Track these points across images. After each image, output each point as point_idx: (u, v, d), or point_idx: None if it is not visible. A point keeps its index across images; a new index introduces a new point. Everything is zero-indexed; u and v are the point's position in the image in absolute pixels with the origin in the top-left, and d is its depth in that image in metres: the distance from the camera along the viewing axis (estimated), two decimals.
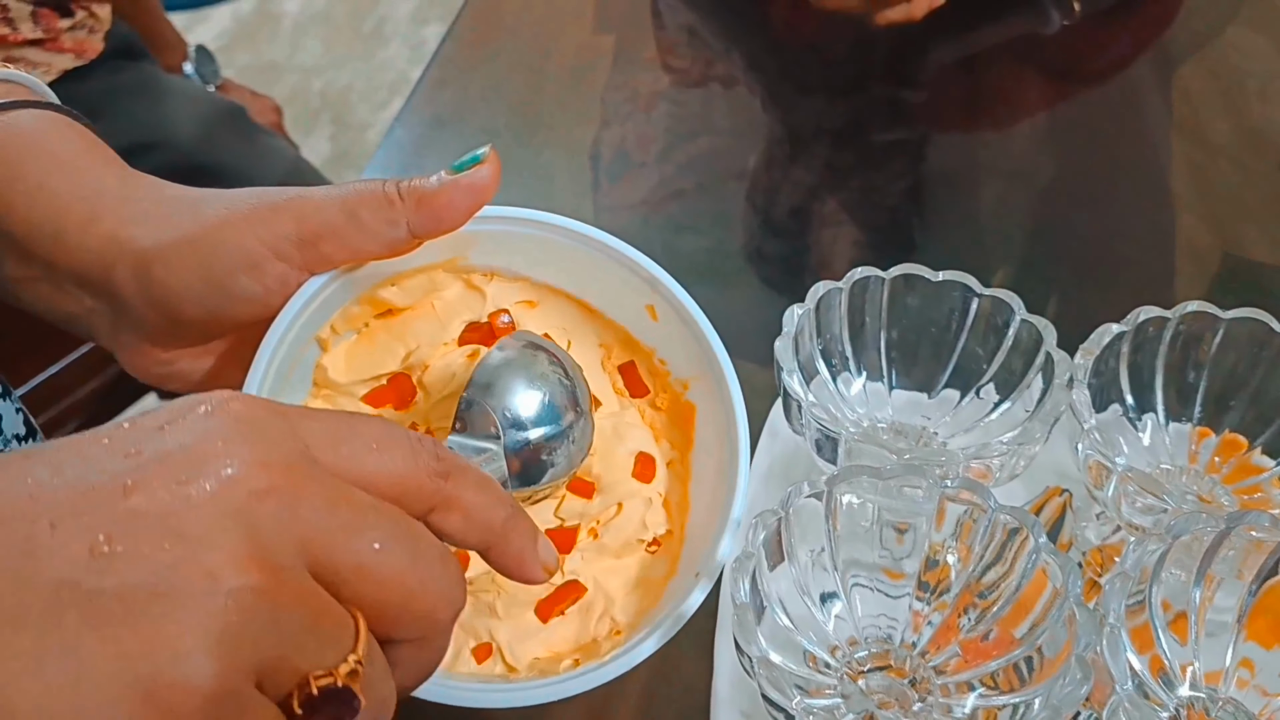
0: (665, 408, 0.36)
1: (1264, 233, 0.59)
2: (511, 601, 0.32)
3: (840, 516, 0.33)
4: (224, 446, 0.20)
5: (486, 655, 0.32)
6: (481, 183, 0.31)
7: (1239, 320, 0.35)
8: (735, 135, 0.67)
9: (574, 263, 0.35)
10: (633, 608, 0.33)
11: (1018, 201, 0.63)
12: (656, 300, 0.35)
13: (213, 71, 0.94)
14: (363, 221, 0.30)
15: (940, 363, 0.38)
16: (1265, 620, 0.31)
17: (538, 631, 0.32)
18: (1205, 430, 0.37)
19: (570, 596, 0.32)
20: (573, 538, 0.33)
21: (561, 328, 0.36)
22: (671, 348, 0.35)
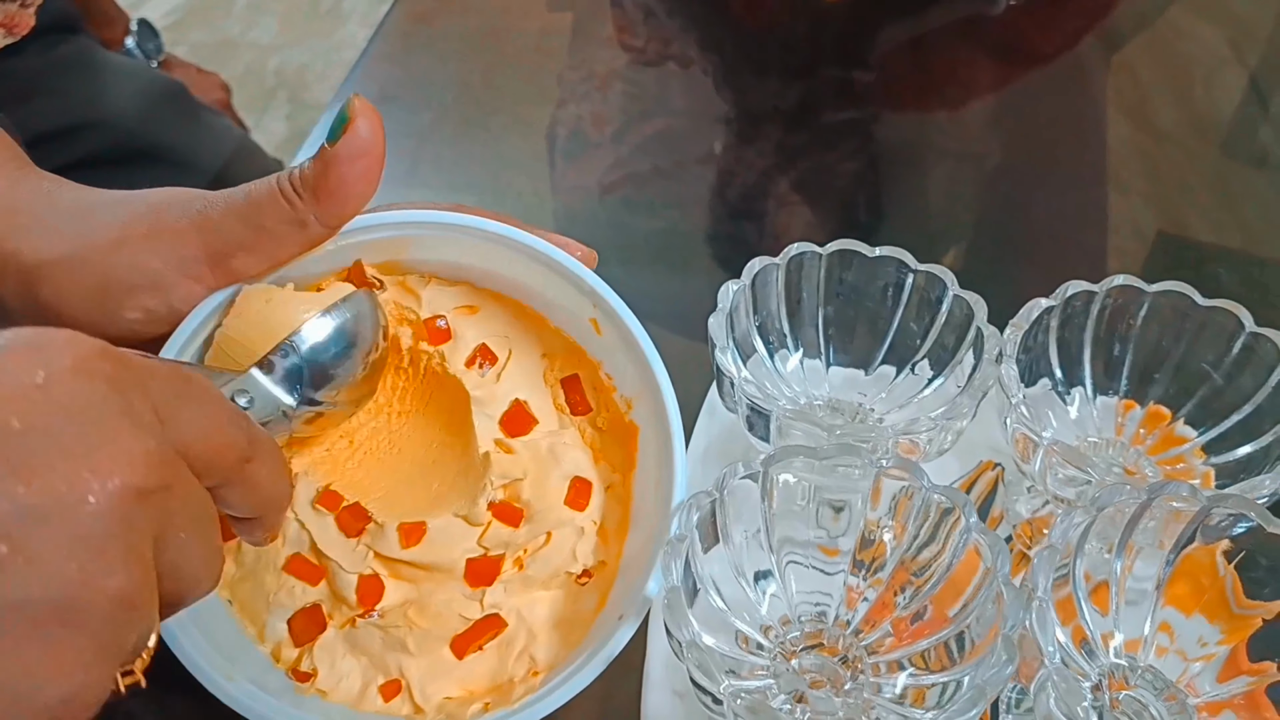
0: (607, 428, 0.35)
1: (1205, 214, 0.60)
2: (426, 637, 0.31)
3: (776, 496, 0.33)
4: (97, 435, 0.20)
5: (395, 693, 0.30)
6: (361, 146, 0.29)
7: (1163, 293, 0.35)
8: (691, 116, 0.67)
9: (516, 271, 0.34)
10: (555, 645, 0.32)
11: (966, 181, 0.64)
12: (599, 315, 0.34)
13: (155, 47, 0.91)
14: (269, 230, 0.29)
15: (877, 339, 0.38)
16: (1183, 585, 0.31)
17: (452, 669, 0.31)
18: (1130, 403, 0.37)
19: (489, 631, 0.31)
20: (496, 568, 0.32)
21: (503, 335, 0.35)
22: (616, 363, 0.34)
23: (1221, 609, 0.32)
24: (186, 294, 0.30)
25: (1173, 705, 0.31)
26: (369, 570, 0.31)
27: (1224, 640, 0.31)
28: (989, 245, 0.59)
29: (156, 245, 0.29)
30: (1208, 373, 0.35)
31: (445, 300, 0.35)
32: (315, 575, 0.31)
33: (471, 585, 0.31)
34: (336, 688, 0.30)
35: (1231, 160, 0.66)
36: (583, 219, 0.61)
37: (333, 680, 0.30)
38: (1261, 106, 0.69)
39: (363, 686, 0.30)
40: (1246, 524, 0.30)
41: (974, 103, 0.69)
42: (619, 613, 0.30)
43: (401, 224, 0.32)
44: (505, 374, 0.34)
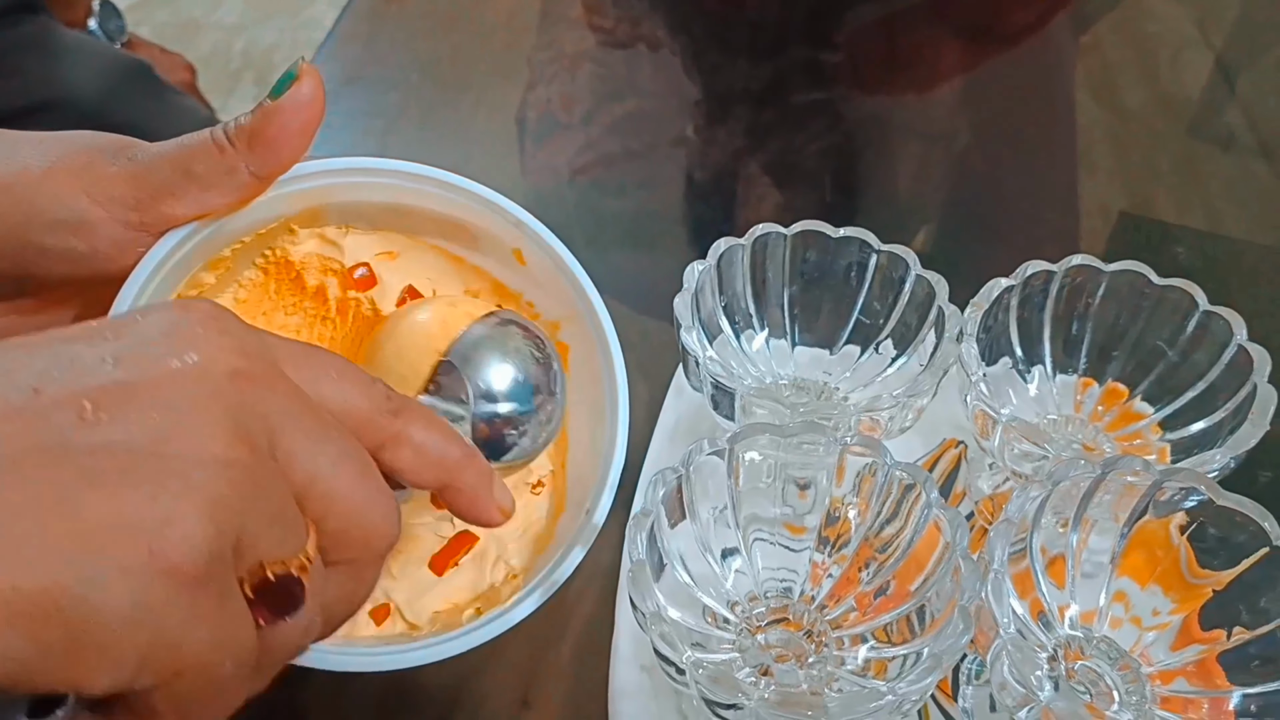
0: None
1: (1171, 194, 0.61)
2: (405, 561, 0.32)
3: (742, 473, 0.33)
4: (202, 332, 0.21)
5: (385, 616, 0.31)
6: (303, 100, 0.29)
7: (1120, 273, 0.36)
8: (660, 97, 0.67)
9: (437, 210, 0.34)
10: (527, 551, 0.33)
11: (935, 162, 0.64)
12: (523, 243, 0.34)
13: (118, 27, 0.90)
14: (198, 175, 0.29)
15: (841, 319, 0.39)
16: (1139, 557, 0.32)
17: (434, 585, 0.32)
18: (1089, 380, 0.38)
19: (463, 547, 0.32)
20: None
21: (426, 278, 0.35)
22: (541, 291, 0.35)
23: (1175, 579, 0.32)
24: (110, 235, 0.29)
25: (1127, 674, 0.32)
26: None
27: (1177, 610, 0.32)
28: (958, 225, 0.60)
29: (84, 182, 0.28)
30: (1163, 350, 0.36)
31: (366, 248, 0.35)
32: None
33: (438, 507, 0.32)
34: None
35: (1198, 141, 0.67)
36: (553, 201, 0.61)
37: None
38: (1228, 87, 0.70)
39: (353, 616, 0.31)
40: (1197, 497, 0.31)
41: (942, 83, 0.69)
42: (581, 509, 0.32)
43: (328, 171, 0.32)
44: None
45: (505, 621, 0.30)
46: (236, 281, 0.33)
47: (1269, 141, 0.64)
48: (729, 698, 0.27)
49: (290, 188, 0.31)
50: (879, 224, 0.38)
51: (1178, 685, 0.32)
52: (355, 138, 0.59)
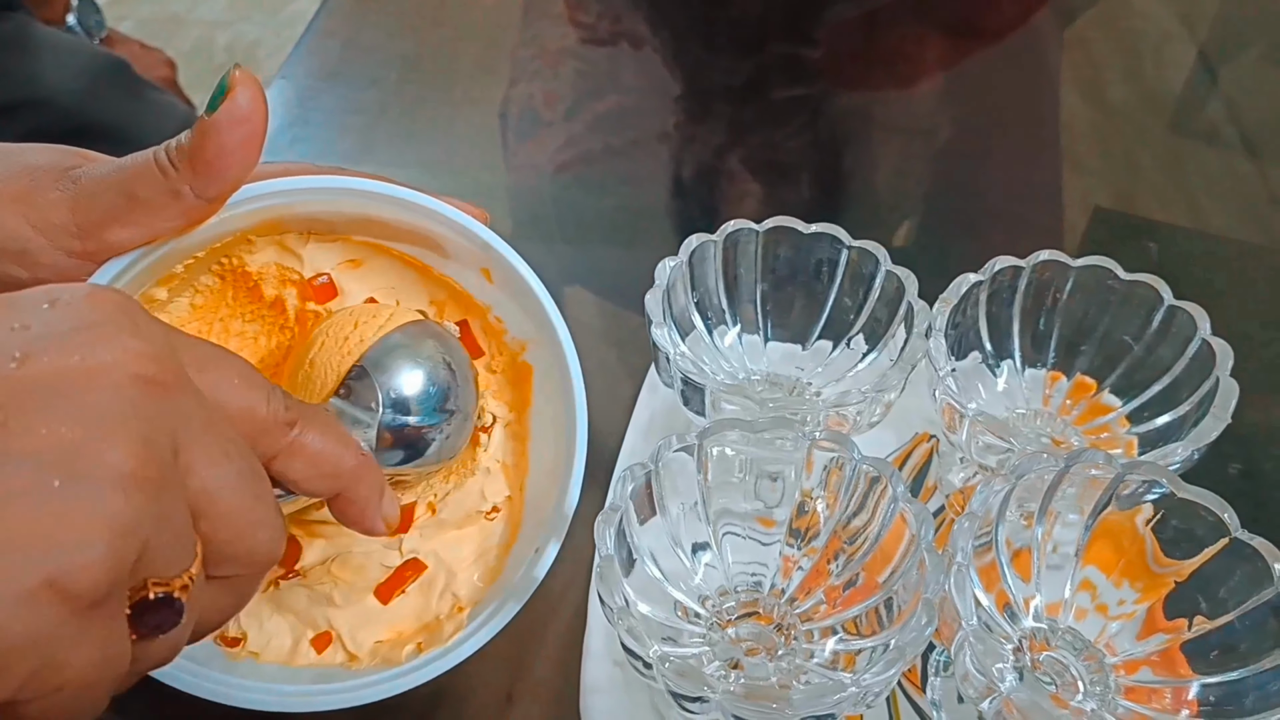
0: (501, 370, 0.35)
1: (1155, 190, 0.61)
2: (350, 589, 0.31)
3: (711, 469, 0.34)
4: (112, 330, 0.20)
5: (326, 644, 0.31)
6: (240, 113, 0.27)
7: (1086, 268, 0.36)
8: (642, 93, 0.67)
9: (404, 225, 0.33)
10: (475, 580, 0.33)
11: (917, 158, 0.64)
12: (490, 265, 0.34)
13: (97, 23, 0.89)
14: (142, 200, 0.27)
15: (813, 315, 0.39)
16: (1105, 548, 0.32)
17: (379, 614, 0.31)
18: (1057, 374, 0.38)
19: (410, 574, 0.32)
20: (410, 515, 0.33)
21: (389, 288, 0.34)
22: (507, 308, 0.35)
23: (1141, 569, 0.33)
24: (52, 263, 0.28)
25: (1091, 665, 0.32)
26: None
27: (1141, 599, 0.32)
28: (939, 221, 0.60)
29: (24, 208, 0.27)
30: (1129, 344, 0.37)
31: (327, 257, 0.34)
32: None
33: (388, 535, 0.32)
34: (267, 647, 0.30)
35: (1181, 136, 0.67)
36: (536, 197, 0.61)
37: (262, 640, 0.30)
38: (1211, 82, 0.71)
39: (294, 642, 0.30)
40: (1159, 490, 0.31)
41: (925, 79, 0.69)
42: (534, 545, 0.32)
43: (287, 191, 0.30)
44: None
45: (444, 663, 0.30)
46: (193, 287, 0.32)
47: (1252, 136, 0.65)
48: (695, 691, 0.27)
49: (245, 207, 0.30)
50: (861, 220, 0.38)
51: (1142, 675, 0.32)
52: (334, 134, 0.59)
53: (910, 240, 0.59)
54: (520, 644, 0.38)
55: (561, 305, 0.55)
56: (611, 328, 0.53)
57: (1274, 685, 0.28)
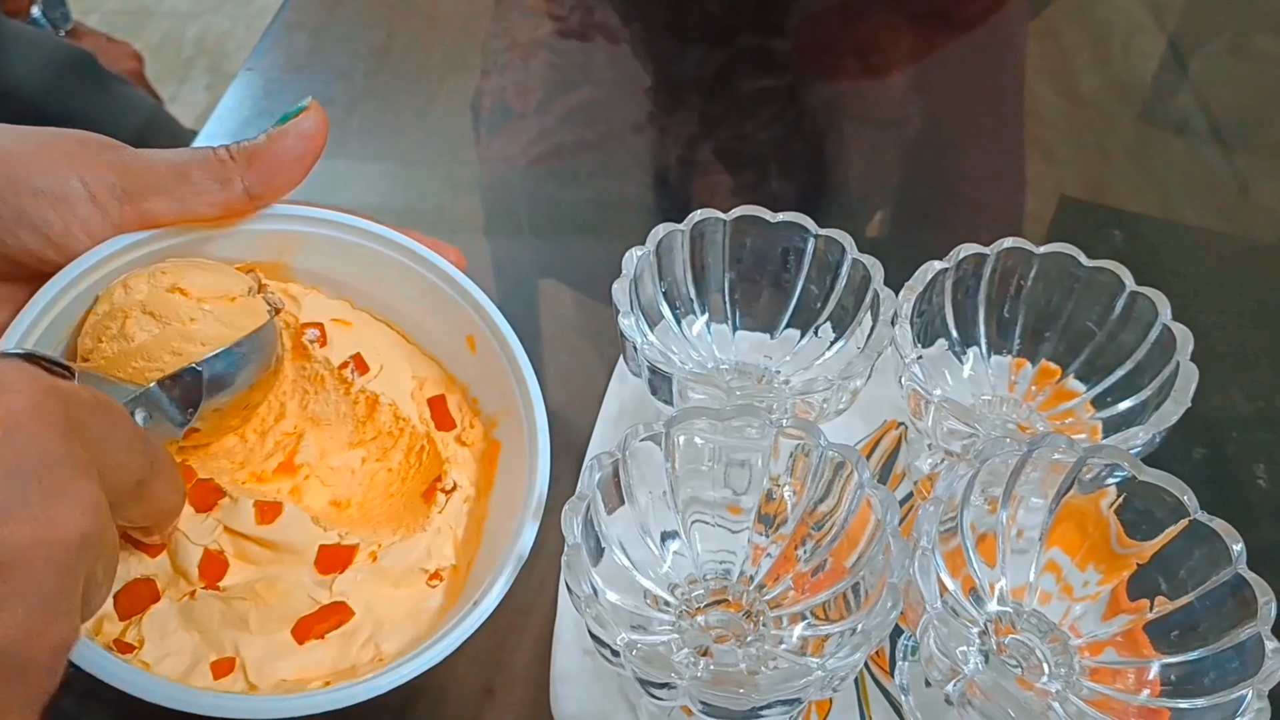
0: (473, 444, 0.35)
1: (1125, 179, 0.62)
2: (268, 615, 0.30)
3: (679, 457, 0.34)
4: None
5: (227, 671, 0.29)
6: (309, 130, 0.31)
7: (1050, 255, 0.37)
8: (614, 86, 0.66)
9: (400, 278, 0.35)
10: (402, 638, 0.31)
11: (889, 149, 0.65)
12: (477, 330, 0.34)
13: (62, 15, 0.88)
14: (193, 180, 0.30)
15: (781, 303, 0.39)
16: (1069, 527, 0.33)
17: (290, 652, 0.29)
18: (1022, 361, 0.38)
19: (334, 618, 0.30)
20: (349, 556, 0.31)
21: (375, 350, 0.35)
22: (485, 383, 0.35)
23: (1104, 552, 0.33)
24: (85, 217, 0.29)
25: (1056, 647, 0.33)
26: (215, 545, 0.30)
27: (1105, 580, 0.33)
28: (910, 212, 0.60)
29: (76, 162, 0.28)
30: (1093, 330, 0.37)
31: (323, 310, 0.35)
32: (155, 548, 0.30)
33: (322, 572, 0.31)
34: (161, 662, 0.28)
35: (1151, 126, 0.68)
36: (508, 190, 0.61)
37: (159, 654, 0.28)
38: (1180, 71, 0.71)
39: (192, 664, 0.29)
40: (1121, 473, 0.31)
41: (895, 70, 0.70)
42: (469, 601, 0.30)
43: (296, 217, 0.33)
44: (375, 384, 0.34)
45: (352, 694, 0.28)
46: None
47: (1221, 126, 0.66)
48: (661, 677, 0.28)
49: (261, 225, 0.32)
50: (832, 210, 0.38)
51: (1107, 656, 0.32)
52: None
53: (882, 231, 0.59)
54: (499, 638, 0.38)
55: (535, 298, 0.55)
56: (585, 320, 0.53)
57: (1233, 664, 0.28)
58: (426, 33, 0.68)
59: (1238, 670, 0.28)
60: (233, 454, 0.33)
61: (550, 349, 0.50)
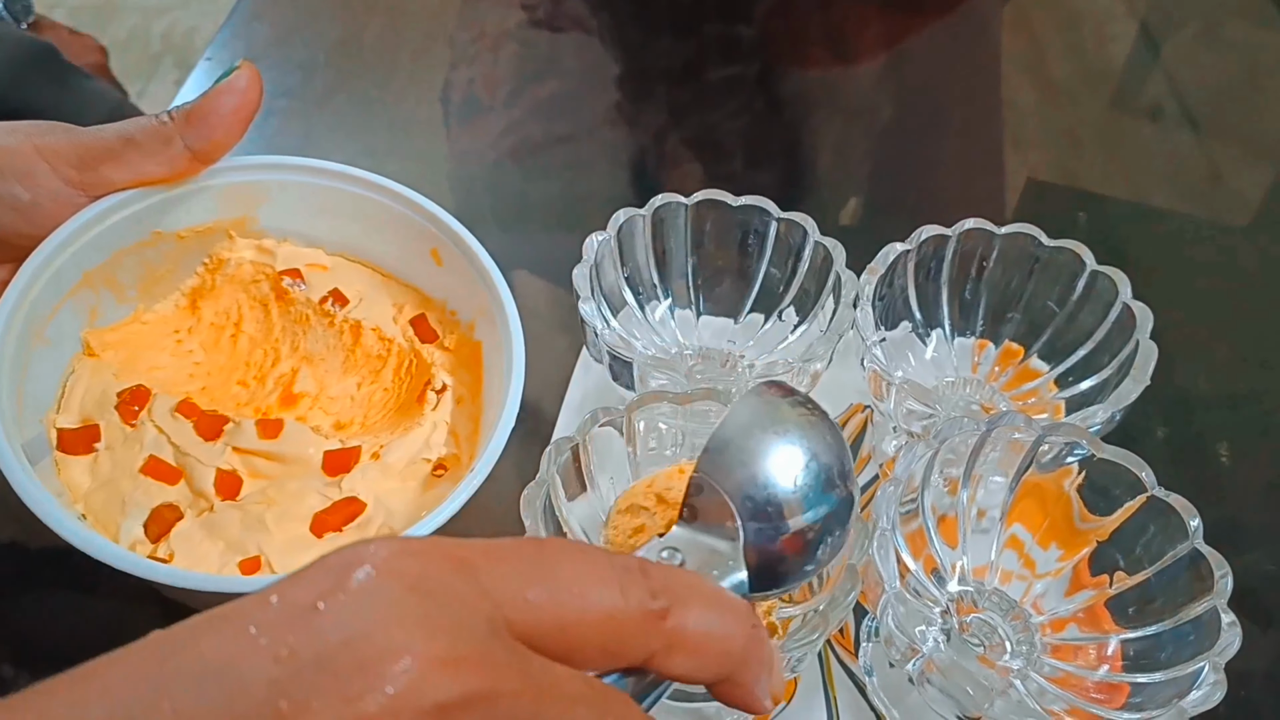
0: (454, 348, 0.36)
1: (1096, 165, 0.62)
2: (284, 514, 0.31)
3: (640, 443, 0.33)
4: (400, 637, 0.16)
5: (254, 570, 0.31)
6: (238, 86, 0.32)
7: (1011, 235, 0.37)
8: (583, 77, 0.66)
9: (361, 211, 0.36)
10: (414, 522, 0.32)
11: (859, 136, 0.64)
12: (440, 243, 0.35)
13: (24, 8, 0.86)
14: (139, 144, 0.31)
15: (744, 287, 0.39)
16: (1030, 504, 0.33)
17: (310, 546, 0.31)
18: (984, 342, 0.38)
19: (348, 512, 0.32)
20: (354, 458, 0.33)
21: (355, 289, 0.37)
22: (458, 293, 0.36)
23: (1067, 530, 0.33)
24: (51, 188, 0.31)
25: (1018, 624, 0.33)
26: (227, 465, 0.32)
27: (1065, 556, 0.33)
28: (882, 200, 0.60)
29: (33, 140, 0.30)
30: (1054, 310, 0.37)
31: (298, 258, 0.37)
32: (173, 475, 0.32)
33: (330, 475, 0.33)
34: (194, 568, 0.30)
35: (1122, 112, 0.68)
36: (477, 184, 0.60)
37: (191, 563, 0.30)
38: (1152, 57, 0.71)
39: (220, 567, 0.30)
40: (1080, 451, 0.32)
41: (865, 57, 0.70)
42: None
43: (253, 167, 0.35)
44: (356, 313, 0.36)
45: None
46: (178, 290, 0.36)
47: (1192, 111, 0.66)
48: None
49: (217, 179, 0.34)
50: (804, 199, 0.38)
51: (1069, 633, 0.33)
52: (260, 118, 0.57)
53: (854, 219, 0.59)
54: None
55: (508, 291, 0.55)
56: (557, 313, 0.52)
57: (1189, 637, 0.29)
58: (391, 24, 0.68)
59: (1194, 644, 0.28)
60: (237, 398, 0.35)
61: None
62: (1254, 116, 0.67)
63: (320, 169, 0.35)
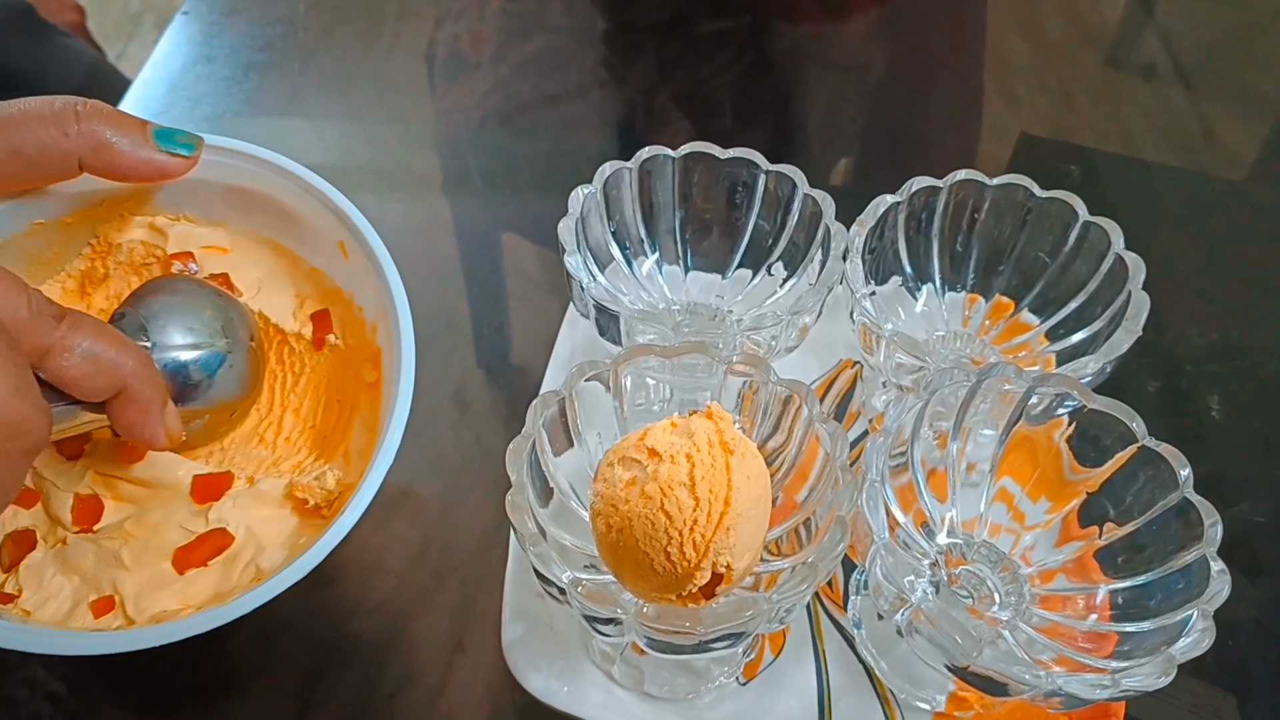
0: (349, 349, 0.35)
1: (1090, 123, 0.61)
2: (143, 549, 0.29)
3: (627, 398, 0.33)
4: None
5: (107, 610, 0.29)
6: (174, 169, 0.31)
7: (1004, 186, 0.36)
8: (570, 33, 0.65)
9: (267, 195, 0.34)
10: (286, 556, 0.30)
11: (850, 93, 0.64)
12: (345, 236, 0.33)
13: None
14: (32, 159, 0.29)
15: (732, 241, 0.39)
16: (1020, 456, 0.33)
17: (171, 583, 0.29)
18: (975, 296, 0.38)
19: (214, 545, 0.30)
20: (226, 484, 0.31)
21: (255, 277, 0.34)
22: (363, 289, 0.34)
23: (1056, 482, 0.33)
24: None
25: (1006, 576, 0.33)
26: (87, 490, 0.30)
27: (1055, 508, 0.33)
28: (874, 155, 0.59)
29: None
30: (1046, 262, 0.36)
31: (194, 239, 0.34)
32: (29, 498, 0.30)
33: (198, 502, 0.31)
34: (42, 607, 0.28)
35: (1117, 70, 0.67)
36: (464, 143, 0.60)
37: (39, 600, 0.28)
38: (1146, 15, 0.70)
39: (73, 605, 0.29)
40: (1071, 403, 0.31)
41: (857, 12, 0.69)
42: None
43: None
44: (252, 303, 0.34)
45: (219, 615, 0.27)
46: (64, 271, 0.34)
47: (1186, 69, 0.65)
48: (608, 613, 0.27)
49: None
50: (796, 155, 0.37)
51: (1057, 583, 0.32)
52: (240, 71, 0.56)
53: (846, 174, 0.58)
54: (470, 595, 0.38)
55: (497, 253, 0.54)
56: (546, 273, 0.52)
57: (1178, 585, 0.29)
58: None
59: (1183, 592, 0.28)
60: None
61: (512, 302, 0.49)
62: (1246, 73, 0.67)
63: (225, 148, 0.33)
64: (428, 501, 0.41)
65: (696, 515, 0.26)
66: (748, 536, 0.27)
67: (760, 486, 0.27)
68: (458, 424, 0.43)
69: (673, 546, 0.26)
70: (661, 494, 0.26)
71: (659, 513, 0.26)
